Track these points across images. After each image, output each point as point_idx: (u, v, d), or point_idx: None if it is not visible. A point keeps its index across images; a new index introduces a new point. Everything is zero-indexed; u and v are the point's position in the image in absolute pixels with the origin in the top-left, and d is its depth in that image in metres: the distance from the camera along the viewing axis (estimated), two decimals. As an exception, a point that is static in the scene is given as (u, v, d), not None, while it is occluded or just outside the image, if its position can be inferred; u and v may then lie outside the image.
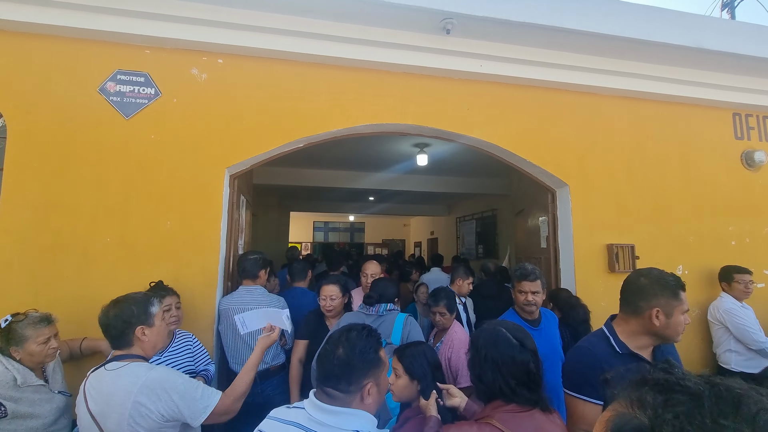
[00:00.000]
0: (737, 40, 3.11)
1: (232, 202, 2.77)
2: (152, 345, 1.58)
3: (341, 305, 2.55)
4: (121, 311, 1.53)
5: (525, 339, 1.29)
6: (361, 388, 1.18)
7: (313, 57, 2.77)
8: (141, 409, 1.35)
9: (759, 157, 3.52)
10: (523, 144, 3.12)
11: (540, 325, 2.31)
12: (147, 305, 1.58)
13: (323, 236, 14.97)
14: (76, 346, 2.24)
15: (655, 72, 3.26)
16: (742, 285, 3.03)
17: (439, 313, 2.54)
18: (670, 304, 1.47)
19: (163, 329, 1.63)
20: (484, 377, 1.24)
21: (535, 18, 2.69)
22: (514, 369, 1.22)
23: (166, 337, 1.68)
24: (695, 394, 0.49)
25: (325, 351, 1.24)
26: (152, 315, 1.58)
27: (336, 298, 2.51)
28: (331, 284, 2.55)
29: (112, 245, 2.41)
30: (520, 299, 2.28)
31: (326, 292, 2.52)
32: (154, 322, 1.58)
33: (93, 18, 2.43)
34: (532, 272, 2.28)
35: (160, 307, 1.63)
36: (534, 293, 2.24)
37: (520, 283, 2.28)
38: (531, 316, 2.29)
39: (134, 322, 1.52)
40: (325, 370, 1.20)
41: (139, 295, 1.64)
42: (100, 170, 2.45)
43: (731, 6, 4.72)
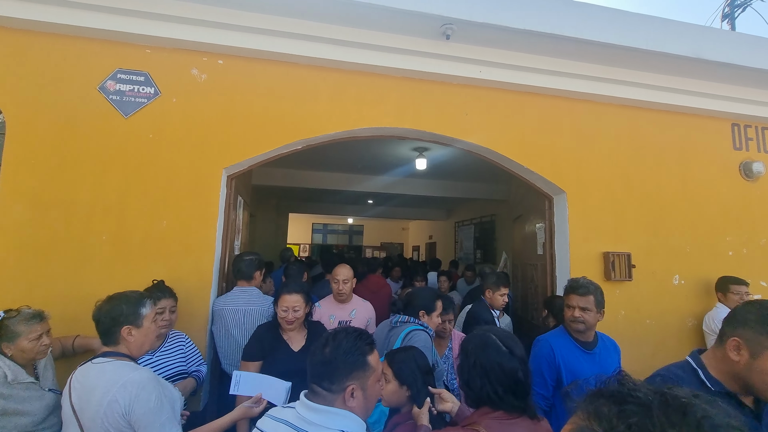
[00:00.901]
0: (737, 51, 3.12)
1: (229, 202, 2.77)
2: (138, 346, 1.57)
3: (303, 316, 2.20)
4: (111, 308, 1.54)
5: (514, 346, 1.29)
6: (344, 390, 1.18)
7: (313, 60, 2.78)
8: (115, 407, 1.35)
9: (757, 168, 3.53)
10: (521, 150, 3.12)
11: (594, 349, 2.03)
12: (138, 305, 1.57)
13: (322, 238, 14.97)
14: (68, 343, 2.24)
15: (655, 81, 3.27)
16: (738, 296, 3.02)
17: (449, 320, 2.44)
18: (759, 340, 1.13)
19: (152, 331, 1.61)
20: (472, 383, 1.24)
21: (535, 25, 2.70)
22: (503, 376, 1.22)
23: (155, 340, 1.65)
24: (645, 405, 0.51)
25: (314, 348, 1.26)
26: (141, 316, 1.57)
27: (300, 308, 2.15)
28: (295, 293, 2.16)
29: (107, 243, 2.41)
30: (566, 314, 2.05)
31: (289, 302, 2.14)
32: (143, 323, 1.57)
33: (94, 17, 2.44)
34: (583, 285, 2.02)
35: (152, 309, 1.62)
36: (583, 309, 1.96)
37: (568, 297, 2.05)
38: (582, 337, 2.02)
39: (122, 321, 1.53)
40: (312, 366, 1.23)
41: (134, 294, 1.64)
42: (97, 168, 2.45)
43: (731, 17, 4.74)
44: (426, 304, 2.32)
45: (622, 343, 3.04)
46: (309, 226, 14.75)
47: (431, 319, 2.30)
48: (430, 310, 2.31)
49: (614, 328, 3.05)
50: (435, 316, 2.32)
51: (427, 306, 2.31)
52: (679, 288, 3.27)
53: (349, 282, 2.77)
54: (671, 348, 3.16)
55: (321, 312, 2.76)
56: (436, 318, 2.33)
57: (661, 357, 3.10)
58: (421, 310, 2.30)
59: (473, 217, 9.14)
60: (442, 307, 2.39)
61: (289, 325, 2.14)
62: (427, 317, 2.30)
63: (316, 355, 1.23)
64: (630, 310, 3.12)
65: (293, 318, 2.13)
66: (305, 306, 2.19)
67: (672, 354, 3.15)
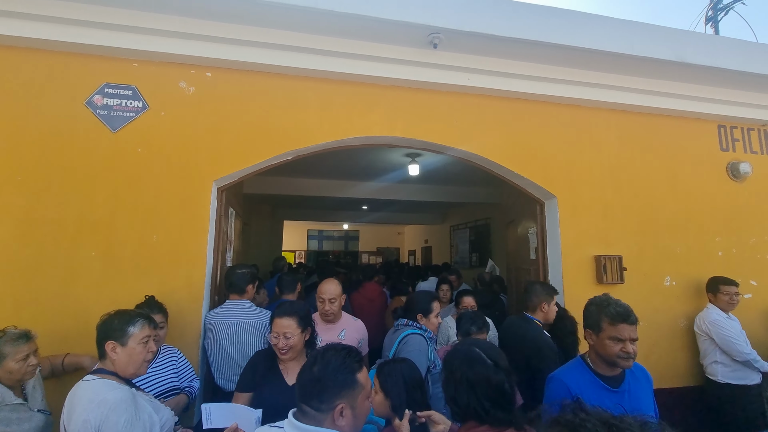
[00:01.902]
0: (720, 54, 3.17)
1: (220, 214, 2.76)
2: (123, 365, 1.52)
3: (301, 343, 1.93)
4: (104, 321, 1.55)
5: (499, 358, 1.29)
6: (333, 409, 1.16)
7: (301, 70, 2.79)
8: (87, 426, 1.35)
9: (744, 169, 3.57)
10: (511, 156, 3.14)
11: (622, 385, 1.66)
12: (127, 323, 1.55)
13: (317, 245, 14.93)
14: (58, 362, 2.21)
15: (641, 85, 3.32)
16: (728, 297, 3.04)
17: None
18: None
19: (138, 353, 1.55)
20: (459, 399, 1.24)
21: (521, 33, 2.73)
22: (489, 390, 1.22)
23: (139, 365, 1.57)
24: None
25: (304, 366, 1.26)
26: (127, 334, 1.54)
27: (293, 335, 1.88)
28: (287, 316, 1.90)
29: (97, 259, 2.39)
30: (612, 349, 1.60)
31: (279, 327, 1.88)
32: (128, 342, 1.53)
33: (81, 32, 2.44)
34: (631, 311, 1.65)
35: (142, 330, 1.56)
36: (634, 341, 1.62)
37: (615, 326, 1.61)
38: (611, 371, 1.67)
39: (108, 335, 1.52)
40: (300, 385, 1.22)
41: (131, 312, 1.62)
42: (85, 184, 2.43)
43: (715, 21, 4.82)
44: (423, 307, 2.37)
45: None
46: (304, 233, 14.70)
47: (429, 321, 2.35)
48: (427, 312, 2.36)
49: (608, 331, 3.07)
50: (433, 318, 2.37)
51: (424, 309, 2.37)
52: (671, 289, 3.29)
53: (337, 300, 2.46)
54: (664, 349, 3.18)
55: None
56: (434, 319, 2.37)
57: (655, 358, 3.12)
58: (419, 314, 2.35)
59: (468, 221, 9.16)
60: (439, 308, 2.44)
61: (282, 354, 1.89)
62: (425, 319, 2.35)
63: (304, 373, 1.23)
64: (623, 313, 3.13)
65: (285, 346, 1.87)
66: (301, 332, 1.92)
67: (665, 355, 3.18)
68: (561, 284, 3.09)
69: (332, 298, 2.45)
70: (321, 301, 2.45)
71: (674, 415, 3.01)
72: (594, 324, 1.68)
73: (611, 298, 1.73)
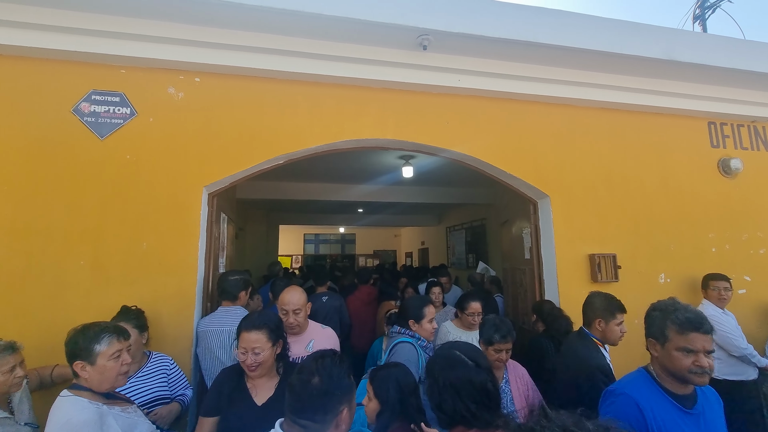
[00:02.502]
0: (708, 52, 3.19)
1: (211, 220, 2.73)
2: (96, 383, 1.50)
3: (271, 358, 1.75)
4: (69, 340, 1.52)
5: (479, 358, 1.29)
6: (337, 415, 1.17)
7: (291, 74, 2.78)
8: None
9: (735, 165, 3.59)
10: (503, 156, 3.14)
11: (696, 407, 1.43)
12: (93, 341, 1.50)
13: (314, 248, 14.89)
14: (46, 374, 2.17)
15: (631, 84, 3.33)
16: (716, 292, 3.06)
17: (507, 350, 2.07)
18: None
19: (110, 369, 1.51)
20: (445, 405, 1.22)
21: (510, 33, 2.73)
22: (473, 391, 1.21)
23: (114, 380, 1.53)
24: None
25: (299, 381, 1.20)
26: (94, 353, 1.49)
27: (262, 350, 1.70)
28: (255, 329, 1.71)
29: (85, 268, 2.36)
30: (682, 363, 1.38)
31: (246, 342, 1.70)
32: (97, 360, 1.49)
33: (66, 38, 2.41)
34: (705, 319, 1.42)
35: (110, 347, 1.52)
36: (709, 353, 1.38)
37: (685, 336, 1.38)
38: (682, 388, 1.43)
39: (75, 355, 1.49)
40: (302, 401, 1.17)
41: (95, 328, 1.56)
42: (73, 192, 2.40)
43: (703, 19, 4.86)
44: (414, 312, 2.31)
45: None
46: (300, 237, 14.66)
47: (422, 328, 2.28)
48: (418, 318, 2.29)
49: (603, 329, 3.06)
50: (426, 323, 2.29)
51: (416, 314, 2.30)
52: (666, 286, 3.29)
53: (302, 311, 2.23)
54: (661, 347, 3.17)
55: None
56: (427, 325, 2.29)
57: (651, 356, 3.11)
58: (410, 320, 2.30)
59: (464, 222, 9.16)
60: (433, 314, 2.34)
61: (251, 371, 1.71)
62: (417, 325, 2.29)
63: (304, 389, 1.18)
64: (618, 311, 3.13)
65: (254, 362, 1.68)
66: (271, 346, 1.74)
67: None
68: (556, 284, 3.09)
69: (297, 309, 2.20)
70: (284, 312, 2.18)
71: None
72: (658, 332, 1.46)
73: (678, 303, 1.50)
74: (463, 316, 2.91)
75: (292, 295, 2.23)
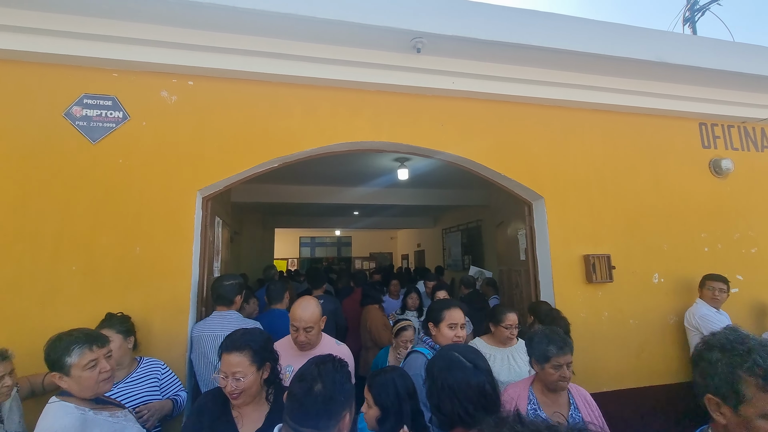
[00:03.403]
0: (698, 54, 3.23)
1: (205, 224, 2.72)
2: (77, 391, 1.50)
3: (257, 383, 1.55)
4: (45, 351, 1.52)
5: (477, 359, 1.29)
6: (340, 421, 1.17)
7: (285, 77, 2.77)
8: None
9: (726, 165, 3.63)
10: (498, 158, 3.15)
11: None
12: (64, 354, 1.49)
13: (310, 251, 14.85)
14: (38, 381, 2.13)
15: (623, 85, 3.36)
16: (711, 292, 3.09)
17: (567, 365, 1.73)
18: None
19: (87, 379, 1.50)
20: (443, 406, 1.23)
21: (503, 36, 2.75)
22: (471, 393, 1.21)
23: (94, 387, 1.52)
24: None
25: (301, 388, 1.18)
26: (66, 365, 1.48)
27: (245, 375, 1.51)
28: (236, 351, 1.52)
29: (77, 274, 2.33)
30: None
31: (228, 366, 1.51)
32: (71, 372, 1.49)
33: (58, 42, 2.39)
34: None
35: (81, 358, 1.50)
36: None
37: None
38: None
39: (51, 366, 1.51)
40: (304, 409, 1.14)
41: (66, 339, 1.54)
42: (64, 197, 2.38)
43: (692, 21, 4.93)
44: (433, 315, 2.12)
45: (608, 344, 3.07)
46: (296, 240, 14.62)
47: (441, 332, 2.06)
48: (436, 321, 2.11)
49: (598, 329, 3.08)
50: (444, 328, 2.06)
51: (434, 317, 2.11)
52: (659, 286, 3.31)
53: (315, 327, 2.03)
54: (655, 346, 3.19)
55: None
56: (447, 330, 2.05)
57: (646, 356, 3.14)
58: (430, 322, 2.13)
59: (460, 224, 9.19)
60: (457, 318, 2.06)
61: (232, 398, 1.52)
62: (436, 329, 2.10)
63: (307, 396, 1.15)
64: (613, 311, 3.14)
65: (235, 389, 1.48)
66: (256, 369, 1.53)
67: (656, 352, 3.20)
68: (551, 285, 3.10)
69: (308, 327, 1.99)
70: (295, 329, 2.02)
71: (667, 412, 3.02)
72: (726, 389, 0.97)
73: (750, 338, 1.02)
74: (498, 329, 2.51)
75: (305, 311, 2.01)
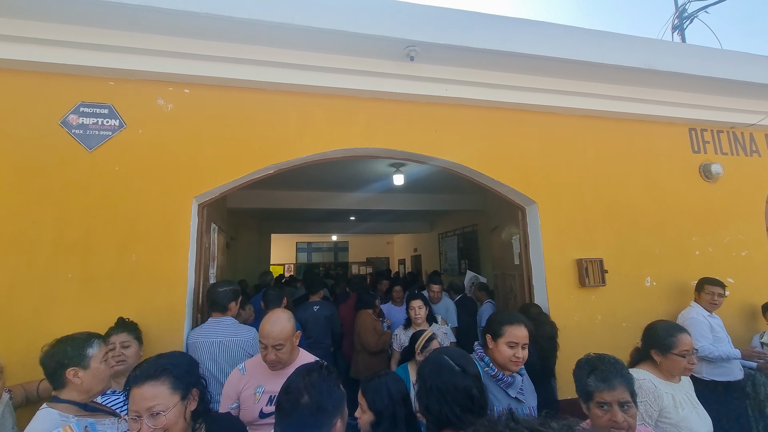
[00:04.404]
0: (686, 61, 3.29)
1: (201, 231, 2.73)
2: (86, 389, 1.55)
3: (181, 420, 1.28)
4: (55, 351, 1.55)
5: (467, 364, 1.31)
6: (331, 429, 1.17)
7: (281, 85, 2.81)
8: None
9: (716, 170, 3.69)
10: (491, 164, 3.19)
11: None
12: (84, 346, 1.57)
13: (306, 257, 14.84)
14: (33, 388, 2.13)
15: (614, 92, 3.42)
16: (710, 296, 3.11)
17: (621, 404, 1.36)
18: None
19: (101, 372, 1.59)
20: (431, 407, 1.26)
21: (495, 44, 2.80)
22: (458, 396, 1.24)
23: (106, 380, 1.63)
24: None
25: (288, 401, 1.16)
26: (88, 357, 1.56)
27: (164, 409, 1.22)
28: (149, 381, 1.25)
29: (73, 281, 2.34)
30: None
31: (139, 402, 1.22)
32: (90, 364, 1.56)
33: (55, 51, 2.42)
34: None
35: (101, 350, 1.61)
36: None
37: None
38: None
39: (66, 363, 1.53)
40: (293, 422, 1.14)
41: (81, 335, 1.63)
42: (61, 204, 2.39)
43: (681, 29, 5.02)
44: (493, 328, 1.83)
45: (601, 347, 3.06)
46: (293, 246, 14.61)
47: (498, 349, 1.77)
48: (495, 335, 1.80)
49: (592, 333, 3.11)
50: (503, 344, 1.75)
51: (494, 330, 1.81)
52: (652, 290, 3.35)
53: (286, 345, 1.80)
54: (649, 349, 3.21)
55: (243, 381, 1.87)
56: (503, 347, 1.75)
57: (640, 359, 3.16)
58: (488, 334, 1.86)
59: (456, 228, 9.23)
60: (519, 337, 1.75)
61: None
62: (493, 344, 1.80)
63: (295, 409, 1.14)
64: (606, 315, 3.18)
65: (152, 429, 1.20)
66: (179, 400, 1.27)
67: (649, 355, 3.21)
68: (545, 288, 3.13)
69: (278, 344, 1.78)
70: (263, 347, 1.81)
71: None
72: None
73: None
74: (670, 359, 1.87)
75: (273, 326, 1.79)
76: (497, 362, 1.75)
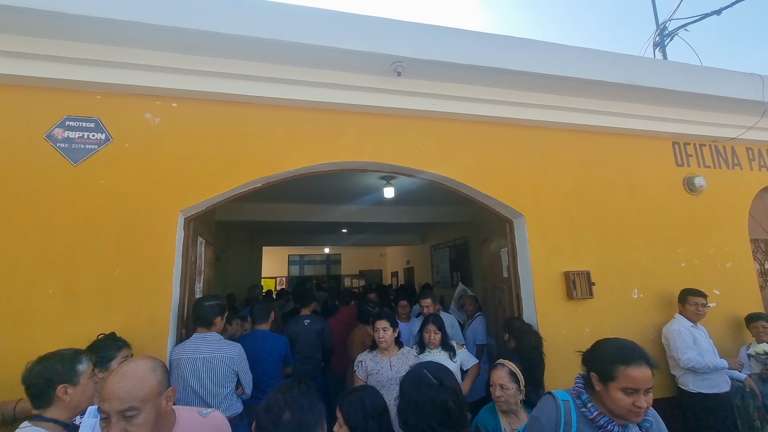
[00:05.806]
0: (667, 77, 3.39)
1: (187, 245, 2.71)
2: (74, 405, 1.53)
3: None
4: (44, 368, 1.52)
5: (445, 378, 1.31)
6: None
7: (268, 99, 2.83)
8: None
9: (699, 182, 3.76)
10: (478, 177, 3.22)
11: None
12: (74, 362, 1.56)
13: (299, 270, 14.72)
14: (9, 409, 2.06)
15: (597, 107, 3.49)
16: (694, 307, 3.14)
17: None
18: None
19: (89, 388, 1.59)
20: (409, 421, 1.26)
21: (480, 60, 2.86)
22: (434, 409, 1.24)
23: (92, 397, 1.62)
24: None
25: (269, 420, 1.16)
26: (78, 373, 1.55)
27: None
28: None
29: (54, 297, 2.30)
30: None
31: None
32: (80, 380, 1.55)
33: (41, 66, 2.42)
34: None
35: (89, 366, 1.61)
36: None
37: None
38: None
39: (57, 380, 1.50)
40: None
41: (68, 351, 1.62)
42: (44, 219, 2.36)
43: (662, 46, 5.18)
44: (602, 368, 1.36)
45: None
46: (285, 259, 14.50)
47: (608, 393, 1.32)
48: (605, 377, 1.34)
49: (581, 345, 3.08)
50: (616, 391, 1.30)
51: (603, 371, 1.35)
52: (639, 302, 3.37)
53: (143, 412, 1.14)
54: (637, 362, 3.21)
55: None
56: (617, 393, 1.30)
57: (628, 372, 3.15)
58: (593, 373, 1.39)
59: (447, 240, 9.24)
60: (640, 382, 1.29)
61: None
62: (602, 386, 1.35)
63: (276, 427, 1.13)
64: (594, 327, 3.18)
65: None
66: None
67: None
68: (532, 301, 3.13)
69: (128, 409, 1.13)
70: (104, 416, 1.16)
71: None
72: None
73: None
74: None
75: (122, 383, 1.17)
76: (608, 409, 1.34)
